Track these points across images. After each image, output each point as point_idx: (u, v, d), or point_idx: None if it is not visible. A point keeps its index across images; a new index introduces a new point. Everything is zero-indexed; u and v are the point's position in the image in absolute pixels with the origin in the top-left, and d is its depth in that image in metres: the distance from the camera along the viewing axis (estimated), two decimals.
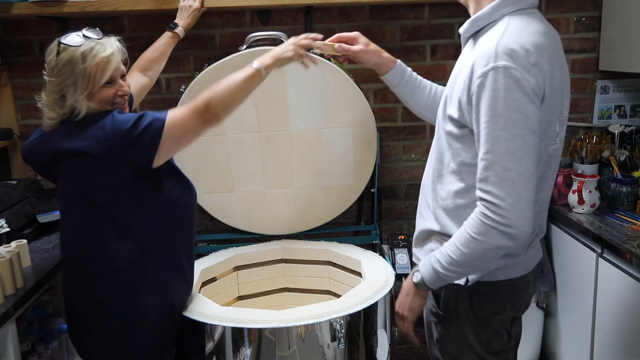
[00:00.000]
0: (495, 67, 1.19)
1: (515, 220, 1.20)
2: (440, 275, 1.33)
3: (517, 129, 1.19)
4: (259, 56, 1.56)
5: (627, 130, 2.32)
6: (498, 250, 1.25)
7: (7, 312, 1.61)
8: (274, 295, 2.22)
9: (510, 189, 1.19)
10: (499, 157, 1.20)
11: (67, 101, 1.48)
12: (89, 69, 1.47)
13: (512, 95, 1.18)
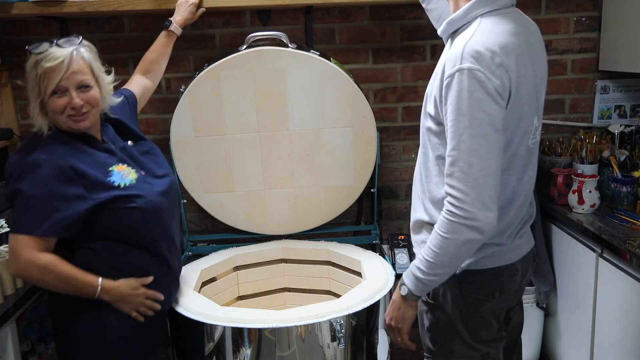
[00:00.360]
0: (461, 68, 1.25)
1: (478, 214, 1.26)
2: (424, 282, 1.36)
3: (480, 128, 1.24)
4: None
5: (627, 130, 2.32)
6: (469, 245, 1.30)
7: (7, 312, 1.61)
8: (274, 295, 2.22)
9: (473, 184, 1.25)
10: (463, 154, 1.26)
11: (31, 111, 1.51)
12: (38, 76, 1.46)
13: (476, 95, 1.24)
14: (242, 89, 2.08)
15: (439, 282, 1.37)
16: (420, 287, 1.37)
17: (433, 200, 1.45)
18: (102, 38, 2.30)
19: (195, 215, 2.44)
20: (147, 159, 1.68)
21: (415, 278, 1.37)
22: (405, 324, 1.45)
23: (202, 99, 2.09)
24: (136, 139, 1.72)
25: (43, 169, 1.43)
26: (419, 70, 2.40)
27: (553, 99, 2.45)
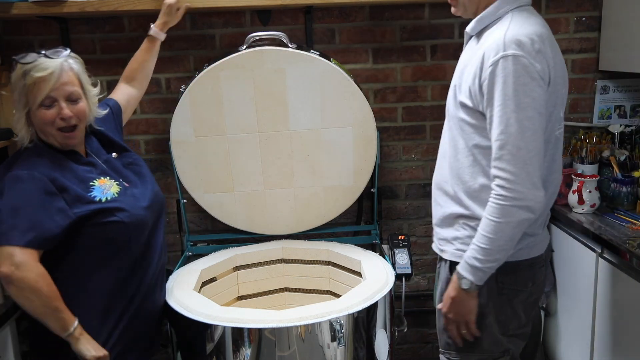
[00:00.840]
0: (505, 55, 1.33)
1: (528, 193, 1.34)
2: (483, 270, 1.42)
3: (526, 111, 1.33)
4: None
5: (627, 130, 2.32)
6: (522, 225, 1.38)
7: (7, 312, 1.62)
8: (274, 295, 2.22)
9: (522, 165, 1.34)
10: (511, 137, 1.33)
11: (15, 121, 1.49)
12: (26, 87, 1.44)
13: (521, 80, 1.32)
14: (242, 89, 2.08)
15: (496, 267, 1.43)
16: (480, 276, 1.43)
17: (468, 192, 1.49)
18: (102, 38, 2.30)
19: (195, 215, 2.44)
20: (131, 170, 1.67)
21: (475, 269, 1.43)
22: (472, 314, 1.50)
23: (202, 99, 2.09)
24: (120, 151, 1.70)
25: (25, 184, 1.42)
26: (419, 70, 2.40)
27: None
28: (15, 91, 1.46)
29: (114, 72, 2.32)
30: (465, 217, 1.51)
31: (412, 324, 2.50)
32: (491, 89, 1.36)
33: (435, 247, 1.65)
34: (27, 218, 1.39)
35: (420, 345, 2.65)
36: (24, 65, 1.44)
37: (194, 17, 2.31)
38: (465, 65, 1.47)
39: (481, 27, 1.47)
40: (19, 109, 1.47)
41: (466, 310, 1.49)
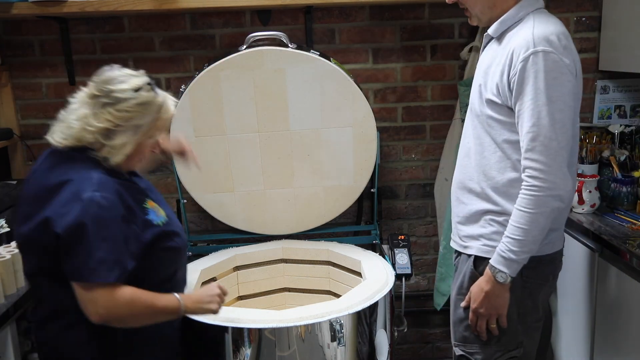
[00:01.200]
0: (535, 51, 1.39)
1: (560, 182, 1.40)
2: (518, 261, 1.46)
3: (557, 104, 1.39)
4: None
5: (627, 130, 2.32)
6: (554, 214, 1.44)
7: (8, 312, 1.62)
8: (274, 295, 2.22)
9: (554, 156, 1.39)
10: (543, 129, 1.39)
11: (113, 139, 1.36)
12: (160, 121, 1.43)
13: (552, 75, 1.38)
14: (242, 89, 2.08)
15: (528, 257, 1.47)
16: (515, 267, 1.46)
17: (496, 187, 1.53)
18: (102, 38, 2.30)
19: (195, 215, 2.44)
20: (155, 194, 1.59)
21: (510, 261, 1.45)
22: (505, 307, 1.52)
23: (202, 99, 2.09)
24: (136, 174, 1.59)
25: (106, 211, 1.31)
26: (419, 70, 2.40)
27: None
28: (131, 112, 1.36)
29: None
30: (493, 213, 1.54)
31: (412, 324, 2.50)
32: (521, 84, 1.41)
33: (456, 244, 1.67)
34: (113, 252, 1.30)
35: (420, 345, 2.65)
36: (156, 96, 1.41)
37: (194, 17, 2.31)
38: (489, 65, 1.53)
39: (503, 29, 1.53)
40: (135, 135, 1.38)
41: (500, 303, 1.51)
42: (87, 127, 1.35)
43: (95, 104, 1.36)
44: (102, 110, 1.35)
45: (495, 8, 1.53)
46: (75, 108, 1.39)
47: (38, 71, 2.32)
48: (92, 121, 1.35)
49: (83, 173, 1.34)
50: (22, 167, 2.38)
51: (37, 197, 1.35)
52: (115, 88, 1.36)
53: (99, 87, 1.37)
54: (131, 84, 1.37)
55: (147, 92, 1.38)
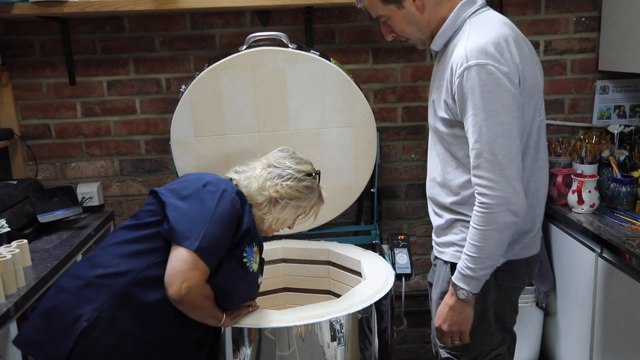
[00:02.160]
0: (468, 66, 1.35)
1: (510, 197, 1.36)
2: (479, 278, 1.43)
3: (496, 118, 1.34)
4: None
5: (627, 131, 2.33)
6: (509, 229, 1.39)
7: (8, 312, 1.61)
8: (274, 295, 2.22)
9: (500, 171, 1.35)
10: (486, 145, 1.35)
11: (271, 212, 1.61)
12: (313, 209, 1.69)
13: (487, 88, 1.34)
14: (242, 89, 2.08)
15: (490, 272, 1.44)
16: (476, 284, 1.44)
17: (461, 202, 1.52)
18: (102, 38, 2.31)
19: None
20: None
21: (469, 278, 1.43)
22: (469, 323, 1.50)
23: (202, 99, 2.09)
24: None
25: (233, 208, 1.47)
26: (419, 70, 2.40)
27: (553, 99, 2.45)
28: (299, 191, 1.62)
29: (114, 72, 2.33)
30: (462, 222, 1.53)
31: (412, 324, 2.50)
32: (461, 100, 1.38)
33: (435, 249, 1.66)
34: (220, 242, 1.46)
35: (420, 345, 2.65)
36: (319, 185, 1.69)
37: (194, 17, 2.31)
38: (439, 80, 1.49)
39: (444, 40, 1.49)
40: (288, 213, 1.64)
41: (463, 320, 1.49)
42: (262, 189, 1.59)
43: (270, 173, 1.61)
44: (273, 180, 1.60)
45: (432, 24, 1.50)
46: (253, 167, 1.66)
47: (38, 71, 2.33)
48: (280, 189, 1.59)
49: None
50: (22, 167, 2.38)
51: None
52: (293, 166, 1.64)
53: (277, 160, 1.65)
54: (305, 167, 1.65)
55: (314, 180, 1.66)
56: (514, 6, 2.35)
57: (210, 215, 1.42)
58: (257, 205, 1.60)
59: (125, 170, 2.43)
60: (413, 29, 1.53)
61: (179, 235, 1.39)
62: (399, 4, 1.48)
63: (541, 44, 2.40)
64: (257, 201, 1.59)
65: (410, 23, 1.51)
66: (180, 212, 1.42)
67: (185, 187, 1.50)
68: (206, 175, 1.55)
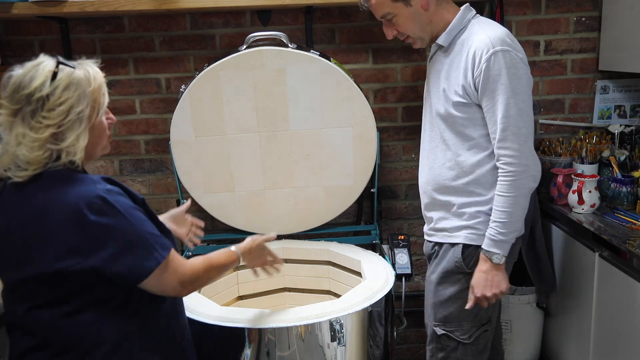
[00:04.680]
0: (495, 51, 1.55)
1: (532, 163, 1.58)
2: (508, 241, 1.61)
3: (520, 96, 1.55)
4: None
5: (627, 130, 2.32)
6: (530, 193, 1.61)
7: None
8: (274, 295, 2.22)
9: (524, 141, 1.56)
10: (512, 119, 1.55)
11: (65, 140, 1.19)
12: (95, 92, 1.24)
13: (512, 70, 1.55)
14: (242, 89, 2.08)
15: (517, 235, 1.64)
16: (507, 247, 1.62)
17: (477, 180, 1.67)
18: (102, 38, 2.30)
19: (195, 215, 2.42)
20: None
21: (502, 242, 1.61)
22: (506, 284, 1.66)
23: (202, 99, 2.09)
24: None
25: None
26: (419, 70, 2.40)
27: (553, 99, 2.45)
28: (64, 103, 1.19)
29: (114, 72, 2.33)
30: (477, 204, 1.68)
31: (412, 324, 2.50)
32: (487, 82, 1.56)
33: (438, 236, 1.78)
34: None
35: (420, 346, 2.65)
36: (74, 70, 1.22)
37: (194, 17, 2.31)
38: (448, 70, 1.67)
39: (452, 37, 1.68)
40: (82, 123, 1.21)
41: (501, 280, 1.64)
42: (30, 145, 1.17)
43: (23, 118, 1.18)
44: (35, 119, 1.17)
45: (433, 24, 1.69)
46: (7, 133, 1.20)
47: None
48: (33, 135, 1.17)
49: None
50: None
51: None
52: (31, 89, 1.17)
53: (13, 97, 1.18)
54: (42, 74, 1.18)
55: (65, 73, 1.20)
56: (514, 6, 2.35)
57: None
58: (51, 160, 1.20)
59: (125, 170, 2.43)
60: (416, 26, 1.70)
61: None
62: (407, 1, 1.66)
63: (541, 43, 2.40)
64: (45, 158, 1.19)
65: (415, 20, 1.69)
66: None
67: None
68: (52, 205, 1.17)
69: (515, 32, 2.37)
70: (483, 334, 1.75)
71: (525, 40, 2.38)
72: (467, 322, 1.73)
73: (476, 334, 1.74)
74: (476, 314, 1.72)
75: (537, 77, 2.43)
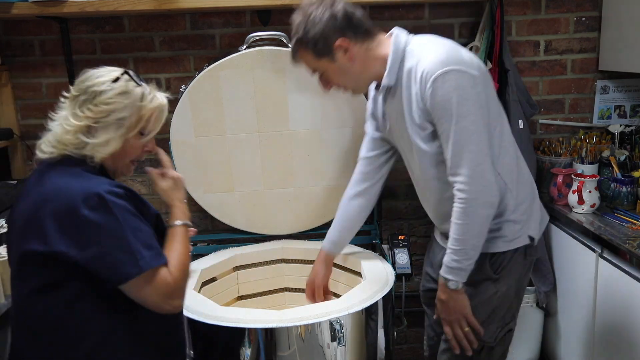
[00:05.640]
0: (437, 76, 1.43)
1: (485, 189, 1.47)
2: (464, 268, 1.53)
3: (469, 117, 1.44)
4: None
5: (627, 130, 2.32)
6: (487, 220, 1.51)
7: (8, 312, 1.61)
8: (274, 295, 2.22)
9: (475, 166, 1.45)
10: (462, 145, 1.45)
11: (96, 137, 1.27)
12: (144, 111, 1.32)
13: (458, 91, 1.43)
14: (242, 89, 2.08)
15: (474, 262, 1.54)
16: (463, 274, 1.54)
17: None
18: (102, 38, 2.30)
19: (195, 215, 2.43)
20: None
21: (457, 269, 1.53)
22: (468, 309, 1.59)
23: (202, 99, 2.09)
24: None
25: None
26: None
27: (553, 99, 2.45)
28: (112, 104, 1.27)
29: None
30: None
31: (412, 324, 2.50)
32: (435, 108, 1.46)
33: None
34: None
35: (420, 345, 2.64)
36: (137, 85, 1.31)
37: (194, 17, 2.31)
38: (408, 106, 1.54)
39: (395, 72, 1.54)
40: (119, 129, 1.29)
41: (460, 305, 1.58)
42: (66, 127, 1.26)
43: (75, 104, 1.28)
44: (82, 108, 1.27)
45: (368, 69, 1.57)
46: (58, 114, 1.32)
47: (38, 71, 2.32)
48: (72, 120, 1.26)
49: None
50: (22, 167, 2.38)
51: None
52: (92, 82, 1.28)
53: (78, 86, 1.30)
54: (109, 76, 1.29)
55: (126, 82, 1.30)
56: (514, 6, 2.35)
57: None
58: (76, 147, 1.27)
59: None
60: (348, 79, 1.59)
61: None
62: (331, 57, 1.54)
63: (541, 44, 2.40)
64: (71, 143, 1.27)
65: (345, 73, 1.57)
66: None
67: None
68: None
69: (515, 32, 2.37)
70: (508, 335, 1.70)
71: (525, 40, 2.38)
72: (494, 323, 1.65)
73: (501, 335, 1.68)
74: (505, 315, 1.67)
75: (537, 77, 2.43)
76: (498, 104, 1.59)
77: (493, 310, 1.64)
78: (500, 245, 1.61)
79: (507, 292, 1.64)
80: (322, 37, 1.53)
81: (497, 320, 1.66)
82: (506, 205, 1.58)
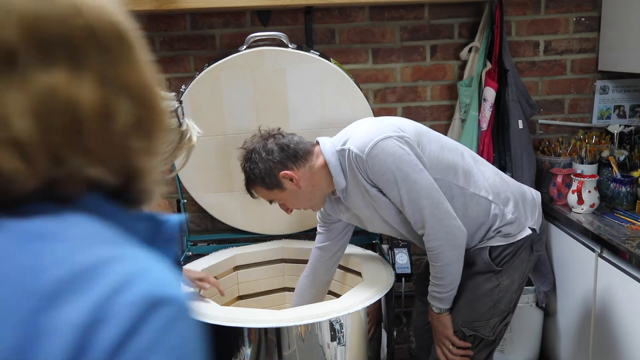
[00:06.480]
0: (367, 153, 1.52)
1: (447, 236, 1.56)
2: (447, 298, 1.66)
3: (411, 176, 1.51)
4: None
5: (627, 131, 2.33)
6: (460, 255, 1.61)
7: None
8: (274, 295, 2.22)
9: (432, 219, 1.54)
10: (413, 205, 1.54)
11: None
12: (179, 151, 1.34)
13: (391, 159, 1.50)
14: (242, 89, 2.08)
15: (456, 287, 1.66)
16: (446, 302, 1.67)
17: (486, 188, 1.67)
18: None
19: (195, 215, 2.44)
20: None
21: (440, 299, 1.67)
22: (450, 330, 1.70)
23: (202, 99, 2.09)
24: None
25: None
26: (419, 70, 2.40)
27: (552, 99, 2.45)
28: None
29: None
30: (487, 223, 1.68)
31: None
32: (377, 181, 1.56)
33: None
34: None
35: None
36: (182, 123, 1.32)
37: (194, 17, 2.31)
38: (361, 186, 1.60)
39: (343, 175, 1.62)
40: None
41: (443, 327, 1.70)
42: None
43: None
44: None
45: (317, 186, 1.66)
46: None
47: None
48: None
49: None
50: None
51: None
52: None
53: None
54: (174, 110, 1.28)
55: (170, 119, 1.28)
56: (514, 6, 2.35)
57: None
58: None
59: None
60: (302, 201, 1.70)
61: None
62: (280, 187, 1.65)
63: (541, 44, 2.40)
64: None
65: (298, 197, 1.68)
66: None
67: None
68: None
69: (514, 32, 2.37)
70: (503, 329, 1.75)
71: (525, 41, 2.39)
72: (493, 318, 1.70)
73: (498, 329, 1.73)
74: (506, 307, 1.72)
75: (536, 77, 2.43)
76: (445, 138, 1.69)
77: (494, 304, 1.69)
78: (498, 239, 1.68)
79: (509, 287, 1.68)
80: (267, 174, 1.63)
81: (498, 314, 1.71)
82: (495, 216, 1.65)
